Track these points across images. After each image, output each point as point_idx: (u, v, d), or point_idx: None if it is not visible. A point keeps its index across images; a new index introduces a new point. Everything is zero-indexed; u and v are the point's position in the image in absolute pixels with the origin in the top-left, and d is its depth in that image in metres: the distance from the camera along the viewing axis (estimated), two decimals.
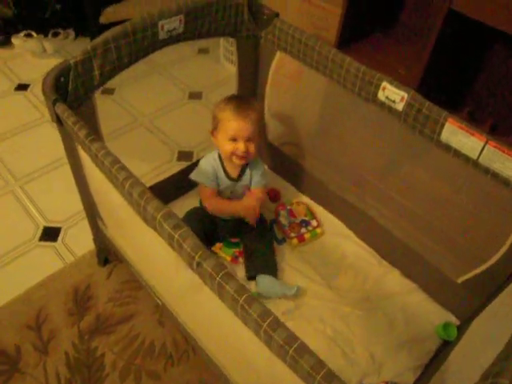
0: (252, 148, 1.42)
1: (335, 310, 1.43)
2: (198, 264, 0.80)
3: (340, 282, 1.52)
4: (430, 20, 1.85)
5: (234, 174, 1.52)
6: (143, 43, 1.21)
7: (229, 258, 1.55)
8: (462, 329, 1.36)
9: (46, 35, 2.60)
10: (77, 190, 1.41)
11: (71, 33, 2.71)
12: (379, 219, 1.55)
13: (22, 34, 2.59)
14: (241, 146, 1.40)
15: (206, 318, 1.08)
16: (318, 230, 1.64)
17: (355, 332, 1.39)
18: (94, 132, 1.23)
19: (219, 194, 1.54)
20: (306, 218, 1.66)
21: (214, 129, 1.45)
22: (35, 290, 1.60)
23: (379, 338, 1.38)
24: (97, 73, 1.17)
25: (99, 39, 1.13)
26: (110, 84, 2.39)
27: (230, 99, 1.44)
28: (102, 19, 2.61)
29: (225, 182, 1.51)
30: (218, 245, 1.58)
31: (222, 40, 2.58)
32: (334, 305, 1.45)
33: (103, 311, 1.56)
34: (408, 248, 1.49)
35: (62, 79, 1.11)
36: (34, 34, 2.59)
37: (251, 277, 1.49)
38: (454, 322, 1.43)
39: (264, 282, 1.45)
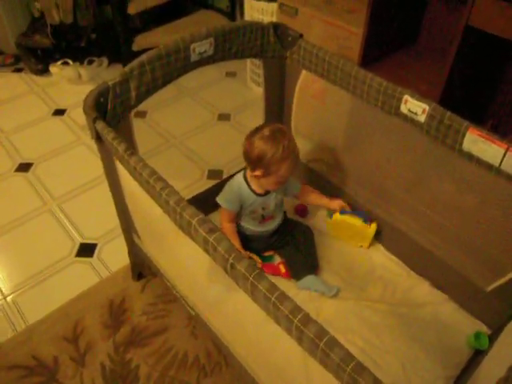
0: None
1: (365, 320, 1.45)
2: (232, 265, 0.84)
3: (369, 294, 1.53)
4: (449, 37, 1.89)
5: (260, 190, 1.49)
6: (176, 65, 1.29)
7: None
8: (493, 338, 1.36)
9: (81, 63, 2.75)
10: (111, 208, 1.47)
11: (105, 60, 2.85)
12: (407, 231, 1.57)
13: (59, 63, 2.74)
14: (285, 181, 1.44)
15: (239, 325, 1.12)
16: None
17: (385, 342, 1.40)
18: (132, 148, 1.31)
19: (250, 215, 1.52)
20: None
21: (264, 170, 1.38)
22: (72, 304, 1.66)
23: (410, 348, 1.39)
24: (133, 93, 1.24)
25: (135, 62, 1.21)
26: (142, 107, 2.50)
27: (276, 140, 1.34)
28: (135, 47, 2.74)
29: (252, 198, 1.48)
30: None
31: (248, 63, 2.67)
32: (364, 315, 1.46)
33: (138, 324, 1.60)
34: (436, 259, 1.50)
35: (102, 99, 1.18)
36: (70, 62, 2.73)
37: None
38: (485, 331, 1.42)
39: (305, 280, 1.52)
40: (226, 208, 1.49)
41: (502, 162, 1.15)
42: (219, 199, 1.50)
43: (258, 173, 1.39)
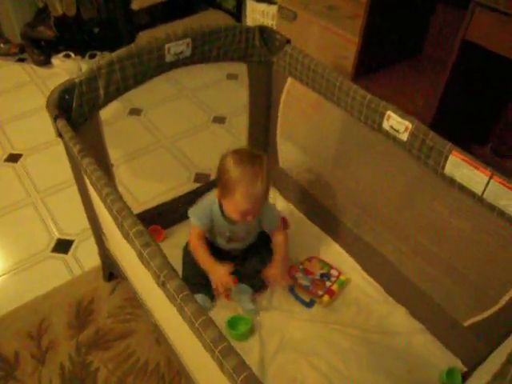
0: (260, 207, 1.35)
1: (333, 344, 1.38)
2: (163, 283, 0.79)
3: (341, 317, 1.46)
4: (448, 50, 1.80)
5: (233, 218, 1.39)
6: (149, 65, 1.24)
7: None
8: (467, 377, 1.28)
9: (83, 56, 2.73)
10: None
11: (107, 55, 2.82)
12: (389, 255, 1.49)
13: (61, 55, 2.73)
14: (250, 218, 1.33)
15: (185, 340, 1.06)
16: (343, 278, 1.55)
17: (351, 369, 1.33)
18: (99, 149, 1.27)
19: (218, 234, 1.47)
20: (324, 271, 1.57)
21: (222, 189, 1.34)
22: (41, 300, 1.63)
23: (376, 379, 1.31)
24: (101, 92, 1.20)
25: (104, 59, 1.18)
26: (137, 105, 2.47)
27: (241, 162, 1.29)
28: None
29: (220, 221, 1.42)
30: None
31: None
32: (332, 339, 1.39)
33: (103, 326, 1.57)
34: (416, 287, 1.43)
35: (67, 97, 1.15)
36: (72, 55, 2.72)
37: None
38: (459, 367, 1.34)
39: (240, 290, 1.47)
40: (195, 224, 1.43)
41: (484, 190, 1.07)
42: (191, 213, 1.45)
43: (218, 189, 1.36)
